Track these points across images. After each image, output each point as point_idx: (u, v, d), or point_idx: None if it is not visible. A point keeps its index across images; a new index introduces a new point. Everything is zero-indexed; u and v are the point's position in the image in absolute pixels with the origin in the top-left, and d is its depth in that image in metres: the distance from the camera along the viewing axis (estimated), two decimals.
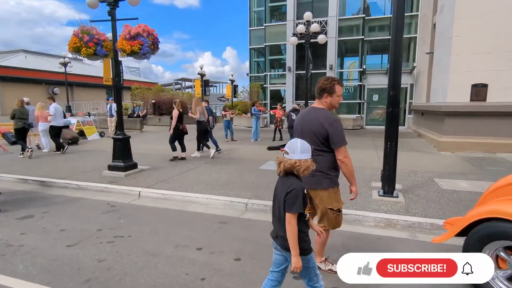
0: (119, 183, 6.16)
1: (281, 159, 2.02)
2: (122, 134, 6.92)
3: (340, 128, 2.66)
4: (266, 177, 6.61)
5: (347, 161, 2.69)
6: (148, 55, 6.42)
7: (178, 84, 45.72)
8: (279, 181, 2.10)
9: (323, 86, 2.76)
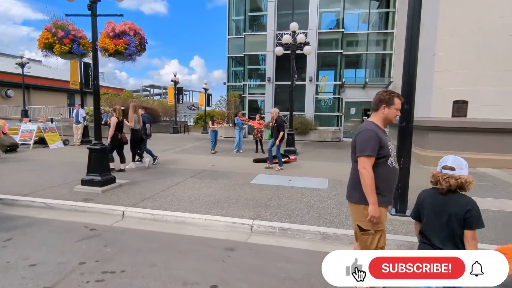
0: (97, 201, 5.34)
1: (451, 175, 2.02)
2: (99, 144, 6.09)
3: (366, 137, 2.42)
4: (262, 192, 6.11)
5: (364, 173, 2.38)
6: (134, 56, 5.74)
7: (146, 91, 44.06)
8: (441, 197, 2.07)
9: (382, 97, 2.58)
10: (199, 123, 32.30)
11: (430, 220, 2.13)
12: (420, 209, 2.22)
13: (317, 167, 9.07)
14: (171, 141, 14.91)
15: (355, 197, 2.50)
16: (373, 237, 2.44)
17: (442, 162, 2.13)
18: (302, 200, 5.68)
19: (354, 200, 2.51)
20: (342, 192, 6.48)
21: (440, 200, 2.08)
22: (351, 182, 2.58)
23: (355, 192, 2.50)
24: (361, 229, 2.47)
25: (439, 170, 2.11)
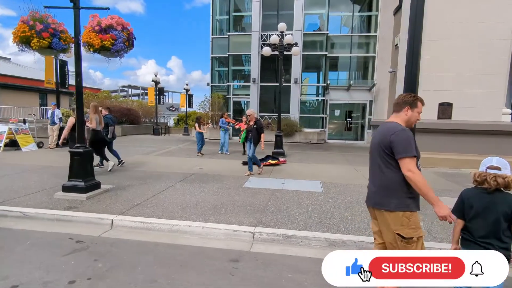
0: (81, 209, 4.90)
1: (498, 175, 2.11)
2: (82, 147, 5.64)
3: (406, 137, 2.27)
4: (258, 197, 5.88)
5: (413, 176, 2.22)
6: (121, 52, 5.35)
7: (124, 91, 42.67)
8: (488, 196, 2.16)
9: (406, 99, 2.50)
10: (180, 125, 31.62)
11: (476, 217, 2.20)
12: (465, 207, 2.28)
13: (307, 170, 8.95)
14: (153, 143, 14.38)
15: (390, 204, 2.31)
16: (416, 244, 2.28)
17: (486, 163, 2.20)
18: (301, 204, 5.50)
19: (390, 208, 2.31)
20: (338, 195, 6.40)
21: (487, 199, 2.16)
22: (380, 188, 2.39)
23: (391, 199, 2.31)
24: (403, 238, 2.28)
25: (483, 170, 2.19)
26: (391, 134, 2.32)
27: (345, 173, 8.52)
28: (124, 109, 18.44)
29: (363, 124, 17.09)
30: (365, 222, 4.63)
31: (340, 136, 17.28)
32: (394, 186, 2.32)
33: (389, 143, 2.32)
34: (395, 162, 2.33)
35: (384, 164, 2.37)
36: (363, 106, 16.72)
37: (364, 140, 16.59)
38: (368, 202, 2.54)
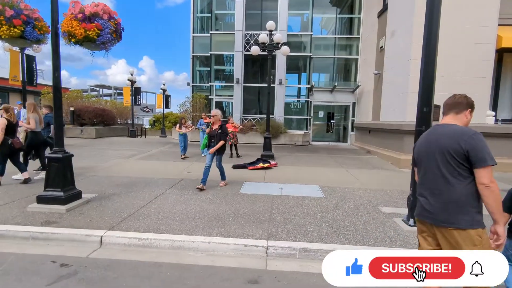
0: (62, 224, 4.23)
1: None
2: (61, 152, 4.94)
3: (484, 142, 1.98)
4: (258, 204, 5.46)
5: (496, 189, 1.94)
6: (108, 45, 4.73)
7: (95, 91, 40.52)
8: None
9: (469, 100, 2.23)
10: (156, 126, 30.48)
11: None
12: None
13: (301, 173, 8.63)
14: (132, 146, 13.52)
15: (461, 221, 1.99)
16: None
17: None
18: (307, 211, 5.13)
19: (461, 226, 1.99)
20: (341, 200, 6.10)
21: None
22: (448, 203, 2.05)
23: (461, 215, 1.99)
24: None
25: None
26: (466, 138, 2.00)
27: (340, 177, 8.29)
28: (98, 109, 17.28)
29: (346, 126, 17.12)
30: (379, 230, 4.34)
31: (323, 138, 17.21)
32: (464, 200, 2.01)
33: (462, 149, 1.99)
34: (467, 171, 2.01)
35: (452, 174, 2.05)
36: (346, 107, 16.75)
37: (347, 142, 16.61)
38: (427, 218, 2.18)
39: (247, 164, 8.97)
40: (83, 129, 15.67)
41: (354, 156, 12.35)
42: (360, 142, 15.20)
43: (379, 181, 7.88)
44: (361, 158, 11.87)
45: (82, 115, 16.52)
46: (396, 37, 11.19)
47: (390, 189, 7.00)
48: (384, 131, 11.84)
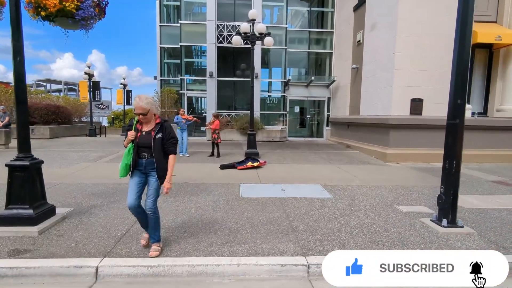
0: (38, 252, 3.26)
1: None
2: (28, 158, 3.88)
3: None
4: (269, 210, 4.87)
5: None
6: (90, 22, 3.76)
7: (41, 86, 36.57)
8: None
9: None
10: (116, 124, 28.29)
11: None
12: None
13: (293, 171, 8.14)
14: (96, 147, 12.06)
15: None
16: None
17: None
18: (327, 216, 4.62)
19: None
20: (352, 200, 5.65)
21: None
22: None
23: None
24: None
25: None
26: None
27: (334, 173, 7.94)
28: (51, 106, 15.24)
29: (319, 121, 17.02)
30: (414, 234, 3.96)
31: (298, 133, 16.95)
32: None
33: None
34: None
35: None
36: (321, 102, 16.62)
37: (323, 137, 16.50)
38: None
39: (236, 163, 8.27)
40: (34, 129, 13.71)
41: (336, 151, 12.17)
42: (337, 137, 15.14)
43: (375, 177, 7.65)
44: (343, 153, 11.71)
45: (32, 112, 14.45)
46: (377, 30, 11.11)
47: (392, 185, 6.75)
48: (366, 126, 11.78)
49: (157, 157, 3.17)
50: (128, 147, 3.21)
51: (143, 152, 3.20)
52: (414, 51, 9.70)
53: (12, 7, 3.68)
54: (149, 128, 3.23)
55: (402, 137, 9.95)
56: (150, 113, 3.16)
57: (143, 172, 3.28)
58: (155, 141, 3.16)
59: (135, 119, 3.22)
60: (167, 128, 3.25)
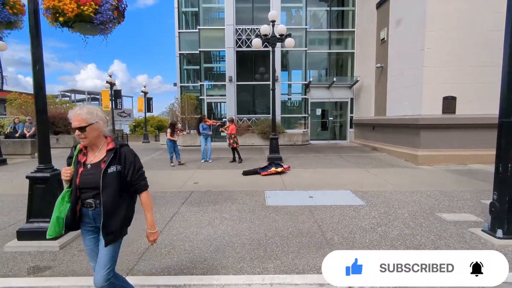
0: (59, 269, 3.09)
1: None
2: (49, 169, 3.76)
3: None
4: (299, 219, 4.54)
5: None
6: (108, 26, 3.61)
7: (66, 97, 37.87)
8: None
9: None
10: (137, 131, 28.74)
11: None
12: None
13: (319, 176, 7.77)
14: None
15: None
16: None
17: None
18: (362, 226, 4.24)
19: None
20: (387, 207, 5.19)
21: None
22: None
23: None
24: None
25: None
26: None
27: (365, 178, 7.50)
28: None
29: (342, 123, 16.48)
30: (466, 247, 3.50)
31: (320, 136, 16.46)
32: None
33: None
34: None
35: None
36: (344, 104, 16.09)
37: (346, 140, 15.95)
38: None
39: (259, 169, 7.98)
40: (59, 138, 14.04)
41: (362, 154, 11.65)
42: (362, 139, 14.57)
43: (409, 182, 7.15)
44: (370, 156, 11.17)
45: (57, 122, 14.84)
46: (403, 26, 10.57)
47: (428, 190, 6.24)
48: (393, 127, 11.21)
49: (107, 202, 1.96)
50: (62, 193, 2.03)
51: (89, 197, 1.99)
52: (445, 46, 9.12)
53: (31, 14, 3.59)
54: (97, 158, 2.04)
55: (434, 137, 9.34)
56: (93, 130, 1.97)
57: (95, 227, 2.09)
58: (106, 178, 1.96)
59: (77, 147, 2.10)
60: (127, 157, 2.07)
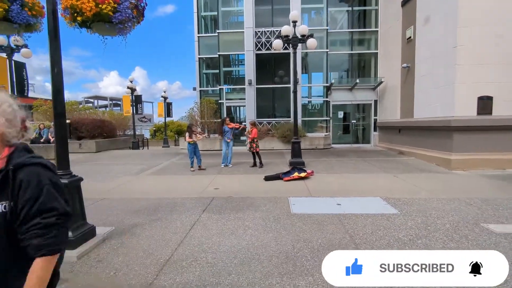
0: (76, 282, 2.91)
1: None
2: (67, 175, 3.61)
3: None
4: (328, 229, 4.20)
5: None
6: (128, 25, 3.44)
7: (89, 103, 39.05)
8: None
9: None
10: (157, 136, 29.11)
11: None
12: None
13: (345, 182, 7.36)
14: (138, 159, 12.14)
15: None
16: None
17: None
18: (400, 238, 3.84)
19: None
20: (424, 216, 4.67)
21: None
22: None
23: None
24: None
25: None
26: None
27: (394, 184, 7.04)
28: (97, 121, 15.88)
29: (365, 126, 15.89)
30: None
31: (342, 140, 15.93)
32: None
33: None
34: None
35: None
36: (367, 106, 15.53)
37: (370, 143, 15.35)
38: None
39: (281, 174, 7.67)
40: (82, 143, 14.27)
41: (388, 158, 11.10)
42: (387, 143, 13.96)
43: (444, 188, 6.64)
44: (397, 160, 10.62)
45: (80, 127, 15.10)
46: (432, 23, 10.02)
47: (467, 197, 5.72)
48: (422, 129, 10.61)
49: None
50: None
51: None
52: (480, 43, 8.53)
53: (50, 15, 3.48)
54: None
55: (468, 140, 8.72)
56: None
57: None
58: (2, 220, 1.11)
59: None
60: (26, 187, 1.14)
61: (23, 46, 9.87)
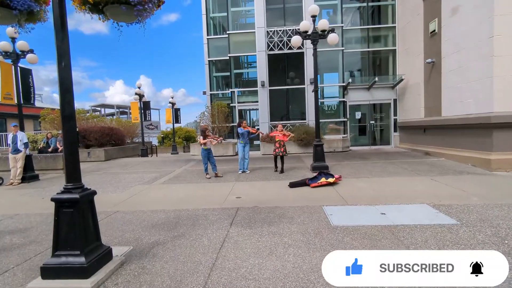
0: None
1: None
2: (78, 189, 3.01)
3: None
4: (379, 244, 3.50)
5: None
6: (148, 8, 2.86)
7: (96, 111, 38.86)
8: None
9: None
10: (166, 143, 28.67)
11: None
12: None
13: (378, 187, 6.68)
14: (149, 167, 11.58)
15: None
16: None
17: None
18: None
19: None
20: (491, 226, 3.98)
21: None
22: None
23: None
24: None
25: None
26: None
27: (435, 188, 6.34)
28: (105, 128, 15.39)
29: (384, 126, 15.13)
30: None
31: (360, 142, 15.17)
32: None
33: None
34: None
35: None
36: (385, 106, 14.79)
37: (391, 144, 14.59)
38: None
39: (308, 180, 7.01)
40: (90, 152, 13.77)
41: (415, 160, 10.35)
42: (409, 144, 13.20)
43: (494, 192, 5.94)
44: (425, 161, 9.86)
45: (88, 135, 14.62)
46: (461, 14, 9.34)
47: None
48: (452, 128, 9.87)
49: None
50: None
51: None
52: None
53: (55, 3, 2.92)
54: None
55: (511, 138, 7.98)
56: None
57: None
58: None
59: None
60: None
61: (29, 51, 9.44)
